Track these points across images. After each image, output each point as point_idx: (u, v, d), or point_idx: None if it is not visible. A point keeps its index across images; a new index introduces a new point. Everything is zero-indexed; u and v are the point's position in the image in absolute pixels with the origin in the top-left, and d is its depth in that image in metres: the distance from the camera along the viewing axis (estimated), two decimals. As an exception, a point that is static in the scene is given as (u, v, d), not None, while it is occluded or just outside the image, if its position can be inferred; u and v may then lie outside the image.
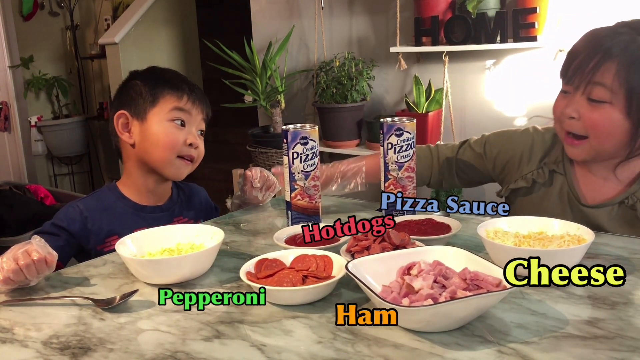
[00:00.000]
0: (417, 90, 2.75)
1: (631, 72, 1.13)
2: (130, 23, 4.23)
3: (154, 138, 1.34)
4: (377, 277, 0.89)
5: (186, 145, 1.36)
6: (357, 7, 3.02)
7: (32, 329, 0.87)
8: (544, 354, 0.74)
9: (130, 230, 1.28)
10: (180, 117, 1.36)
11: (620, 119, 1.16)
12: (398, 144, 1.23)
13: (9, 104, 4.71)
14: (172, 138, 1.34)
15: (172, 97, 1.35)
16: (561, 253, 0.96)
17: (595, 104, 1.17)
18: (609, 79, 1.14)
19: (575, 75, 1.18)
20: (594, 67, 1.15)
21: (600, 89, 1.15)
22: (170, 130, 1.34)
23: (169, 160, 1.35)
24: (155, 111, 1.34)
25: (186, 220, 1.45)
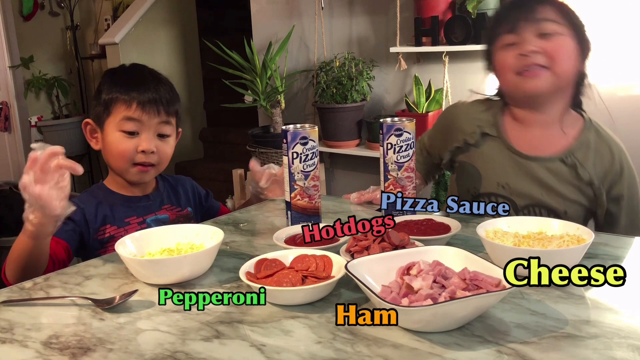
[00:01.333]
0: (417, 90, 2.75)
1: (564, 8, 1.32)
2: (130, 23, 4.24)
3: (108, 147, 1.37)
4: (377, 277, 0.89)
5: (139, 153, 1.36)
6: (357, 7, 3.02)
7: (32, 329, 0.87)
8: (544, 354, 0.74)
9: (122, 218, 1.38)
10: (129, 127, 1.35)
11: (572, 45, 1.32)
12: (398, 144, 1.24)
13: (9, 104, 4.71)
14: (121, 149, 1.35)
15: (122, 105, 1.35)
16: (561, 253, 0.96)
17: (548, 36, 1.30)
18: (552, 14, 1.30)
19: (520, 22, 1.31)
20: (534, 10, 1.30)
21: (548, 23, 1.30)
22: (120, 140, 1.35)
23: (125, 169, 1.38)
24: (110, 120, 1.37)
25: (174, 208, 1.48)
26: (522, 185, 1.36)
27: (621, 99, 2.32)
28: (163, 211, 1.45)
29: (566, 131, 1.36)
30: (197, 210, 1.55)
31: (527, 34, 1.30)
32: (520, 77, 1.32)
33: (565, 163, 1.34)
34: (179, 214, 1.47)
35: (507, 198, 1.38)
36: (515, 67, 1.32)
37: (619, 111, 2.33)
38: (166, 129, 1.40)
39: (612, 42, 2.30)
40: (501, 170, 1.39)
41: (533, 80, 1.31)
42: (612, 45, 2.30)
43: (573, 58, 1.32)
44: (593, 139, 1.36)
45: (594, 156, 1.34)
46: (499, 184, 1.39)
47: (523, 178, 1.36)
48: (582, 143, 1.35)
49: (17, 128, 4.73)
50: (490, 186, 1.40)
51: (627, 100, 2.31)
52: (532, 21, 1.30)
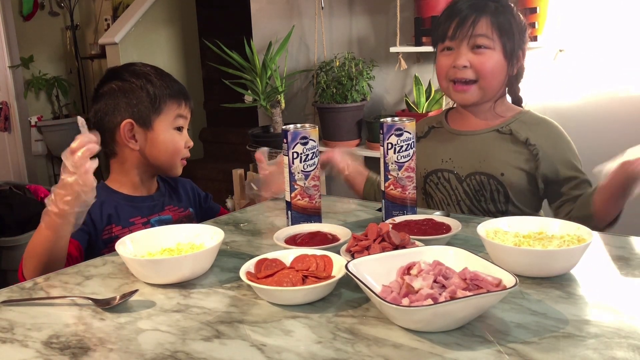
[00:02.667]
0: (417, 90, 2.75)
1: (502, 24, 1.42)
2: (130, 23, 4.24)
3: (162, 146, 1.40)
4: (377, 277, 0.89)
5: (186, 148, 1.44)
6: (357, 7, 3.02)
7: (32, 329, 0.87)
8: (544, 354, 0.74)
9: (125, 218, 1.38)
10: (181, 124, 1.44)
11: (500, 60, 1.44)
12: (398, 143, 1.24)
13: (9, 104, 4.71)
14: (178, 146, 1.42)
15: (174, 104, 1.42)
16: (561, 253, 0.96)
17: (480, 50, 1.42)
18: (487, 29, 1.42)
19: (458, 32, 1.43)
20: (473, 23, 1.41)
21: (482, 38, 1.42)
22: (175, 137, 1.42)
23: (175, 164, 1.44)
24: (161, 119, 1.40)
25: (177, 208, 1.48)
26: (463, 157, 1.49)
27: (621, 100, 2.33)
28: (166, 212, 1.45)
29: (501, 114, 1.51)
30: (197, 212, 1.55)
31: (462, 46, 1.43)
32: (452, 85, 1.47)
33: (500, 132, 1.48)
34: (182, 215, 1.48)
35: (451, 171, 1.50)
36: (448, 75, 1.47)
37: (619, 111, 2.34)
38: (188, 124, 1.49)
39: (612, 42, 2.30)
40: (444, 149, 1.53)
41: (461, 94, 1.46)
42: (612, 46, 2.30)
43: (500, 71, 1.45)
44: (527, 119, 1.49)
45: (529, 127, 1.47)
46: (443, 160, 1.52)
47: (463, 151, 1.50)
48: (517, 119, 1.49)
49: (17, 128, 4.73)
50: (436, 164, 1.53)
51: (628, 100, 2.31)
52: (469, 34, 1.41)
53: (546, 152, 1.43)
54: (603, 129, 2.33)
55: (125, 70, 1.43)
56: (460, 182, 1.49)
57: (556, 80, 2.40)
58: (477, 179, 1.46)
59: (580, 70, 2.38)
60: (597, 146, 2.28)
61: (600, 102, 2.37)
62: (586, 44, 2.35)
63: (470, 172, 1.47)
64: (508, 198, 1.44)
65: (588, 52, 2.35)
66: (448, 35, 1.44)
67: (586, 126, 2.35)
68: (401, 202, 1.27)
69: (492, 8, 1.43)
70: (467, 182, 1.48)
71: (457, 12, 1.44)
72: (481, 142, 1.48)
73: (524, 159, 1.44)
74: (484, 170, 1.45)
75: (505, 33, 1.42)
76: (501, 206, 1.45)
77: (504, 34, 1.42)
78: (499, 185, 1.44)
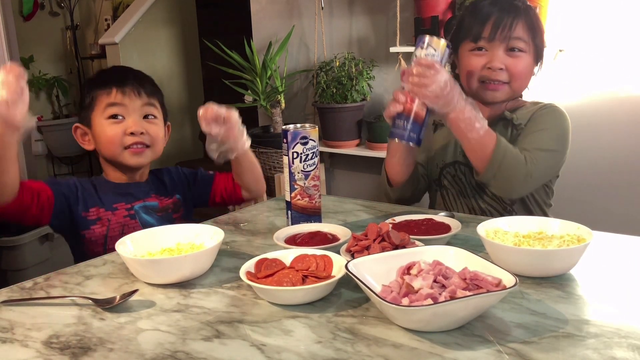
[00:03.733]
0: (417, 90, 2.75)
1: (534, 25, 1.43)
2: (130, 23, 4.23)
3: (99, 139, 1.43)
4: (377, 277, 0.89)
5: (127, 135, 1.41)
6: (357, 7, 3.02)
7: (32, 329, 0.87)
8: (544, 354, 0.74)
9: (109, 203, 1.42)
10: (113, 111, 1.41)
11: (531, 62, 1.45)
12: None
13: (9, 104, 4.71)
14: (110, 134, 1.41)
15: (102, 95, 1.42)
16: (561, 253, 0.96)
17: (515, 53, 1.42)
18: (524, 32, 1.42)
19: (497, 34, 1.41)
20: (511, 25, 1.40)
21: (520, 42, 1.42)
22: (108, 126, 1.41)
23: (118, 154, 1.42)
24: (95, 114, 1.43)
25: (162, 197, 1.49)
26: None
27: (621, 100, 2.33)
28: (152, 198, 1.48)
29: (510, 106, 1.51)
30: (186, 195, 1.55)
31: (498, 49, 1.42)
32: (483, 86, 1.46)
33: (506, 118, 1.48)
34: (167, 202, 1.50)
35: (466, 165, 1.49)
36: (480, 77, 1.45)
37: (619, 111, 2.34)
38: (151, 110, 1.46)
39: (612, 42, 2.30)
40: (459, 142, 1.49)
41: (493, 92, 1.45)
42: (612, 46, 2.30)
43: (530, 73, 1.47)
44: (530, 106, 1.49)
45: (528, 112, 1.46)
46: (460, 152, 1.51)
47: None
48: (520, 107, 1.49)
49: (17, 128, 4.73)
50: (452, 156, 1.53)
51: (628, 100, 2.31)
52: (506, 37, 1.41)
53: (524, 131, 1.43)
54: (603, 129, 2.33)
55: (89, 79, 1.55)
56: (473, 175, 1.46)
57: (556, 80, 2.40)
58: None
59: (580, 70, 2.38)
60: (597, 146, 2.28)
61: (600, 102, 2.37)
62: (586, 44, 2.35)
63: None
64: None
65: (588, 52, 2.35)
66: (484, 37, 1.42)
67: (586, 126, 2.35)
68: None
69: (522, 9, 1.42)
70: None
71: (490, 13, 1.42)
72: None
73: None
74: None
75: (537, 34, 1.43)
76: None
77: (536, 35, 1.43)
78: None
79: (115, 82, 1.42)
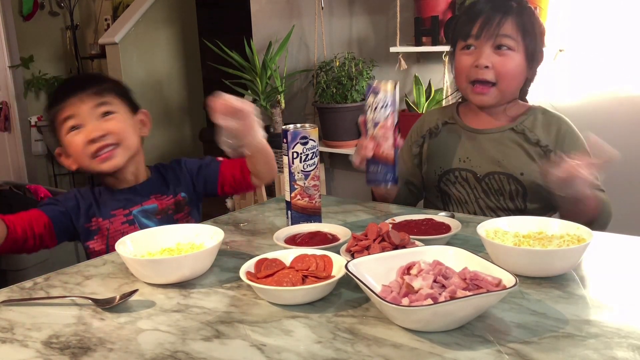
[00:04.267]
0: (417, 90, 2.75)
1: (526, 25, 1.42)
2: (130, 23, 4.23)
3: (70, 154, 1.40)
4: (377, 277, 0.89)
5: (89, 144, 1.35)
6: (357, 7, 3.02)
7: (32, 329, 0.87)
8: (544, 354, 0.74)
9: (107, 211, 1.40)
10: (70, 125, 1.36)
11: (522, 62, 1.43)
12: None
13: (9, 104, 4.71)
14: (74, 148, 1.37)
15: (56, 112, 1.37)
16: (561, 253, 0.96)
17: (503, 51, 1.41)
18: (512, 30, 1.40)
19: (483, 31, 1.41)
20: (499, 23, 1.40)
21: (507, 39, 1.40)
22: (70, 141, 1.37)
23: (89, 165, 1.38)
24: (60, 134, 1.39)
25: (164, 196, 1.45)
26: (481, 156, 1.48)
27: (621, 100, 2.33)
28: (151, 201, 1.43)
29: (513, 113, 1.51)
30: (191, 190, 1.49)
31: (485, 46, 1.42)
32: (471, 88, 1.45)
33: (515, 131, 1.47)
34: (169, 202, 1.45)
35: (469, 170, 1.49)
36: (468, 75, 1.45)
37: (619, 111, 2.34)
38: (106, 107, 1.38)
39: (612, 42, 2.30)
40: (461, 147, 1.52)
41: (479, 96, 1.45)
42: (612, 46, 2.30)
43: (520, 73, 1.44)
44: (540, 116, 1.49)
45: (541, 126, 1.47)
46: (461, 159, 1.51)
47: (480, 150, 1.49)
48: (529, 116, 1.49)
49: (17, 128, 4.73)
50: (453, 162, 1.52)
51: (628, 100, 2.31)
52: (494, 34, 1.40)
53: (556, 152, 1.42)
54: (603, 129, 2.32)
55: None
56: (479, 181, 1.48)
57: (556, 80, 2.40)
58: (497, 179, 1.46)
59: (580, 70, 2.38)
60: (597, 146, 2.26)
61: (600, 102, 2.37)
62: (586, 44, 2.35)
63: (489, 171, 1.47)
64: (527, 197, 1.45)
65: (588, 52, 2.35)
66: (472, 34, 1.42)
67: (586, 126, 2.34)
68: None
69: (515, 8, 1.42)
70: (485, 182, 1.47)
71: (480, 11, 1.43)
72: (498, 141, 1.48)
73: (539, 158, 1.44)
74: (503, 170, 1.45)
75: (528, 34, 1.42)
76: (520, 204, 1.46)
77: (527, 35, 1.41)
78: (518, 185, 1.44)
79: (61, 96, 1.38)
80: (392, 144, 1.28)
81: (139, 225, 1.40)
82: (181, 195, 1.47)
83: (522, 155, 1.45)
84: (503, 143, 1.47)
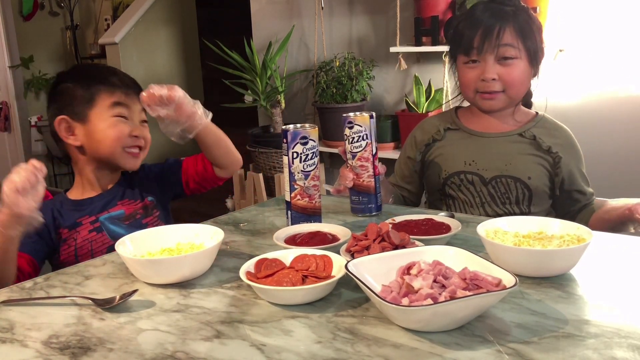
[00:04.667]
0: (417, 90, 2.75)
1: (524, 28, 1.41)
2: (130, 23, 4.24)
3: (100, 135, 1.37)
4: (377, 277, 0.89)
5: (131, 137, 1.39)
6: (357, 7, 3.02)
7: (32, 329, 0.87)
8: (544, 354, 0.74)
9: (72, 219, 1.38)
10: (120, 112, 1.39)
11: (526, 67, 1.44)
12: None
13: (9, 104, 4.72)
14: (117, 131, 1.37)
15: (106, 93, 1.38)
16: (561, 253, 0.96)
17: (507, 61, 1.42)
18: (513, 38, 1.40)
19: (485, 44, 1.41)
20: (499, 34, 1.39)
21: (509, 49, 1.41)
22: (115, 124, 1.38)
23: (117, 153, 1.39)
24: (95, 111, 1.38)
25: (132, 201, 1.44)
26: (487, 159, 1.48)
27: (621, 100, 2.33)
28: (118, 207, 1.42)
29: (519, 119, 1.51)
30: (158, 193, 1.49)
31: (488, 59, 1.42)
32: (479, 95, 1.47)
33: (524, 136, 1.48)
34: (137, 207, 1.44)
35: (475, 173, 1.48)
36: (475, 87, 1.46)
37: (619, 111, 2.34)
38: (144, 116, 1.43)
39: (612, 42, 2.30)
40: (466, 151, 1.51)
41: (489, 102, 1.46)
42: (612, 46, 2.30)
43: (526, 79, 1.46)
44: (547, 125, 1.51)
45: (549, 134, 1.48)
46: (466, 162, 1.50)
47: (487, 153, 1.49)
48: (536, 124, 1.50)
49: (17, 128, 4.73)
50: (458, 166, 1.51)
51: (628, 100, 2.31)
52: (495, 46, 1.40)
53: (566, 161, 1.45)
54: (603, 129, 2.33)
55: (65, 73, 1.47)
56: (485, 184, 1.47)
57: (556, 80, 2.40)
58: (503, 182, 1.45)
59: (580, 70, 2.38)
60: (597, 146, 2.28)
61: (600, 102, 2.37)
62: (586, 44, 2.35)
63: (495, 174, 1.46)
64: (531, 201, 1.45)
65: (588, 52, 2.35)
66: (474, 48, 1.42)
67: (586, 126, 2.35)
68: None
69: (512, 13, 1.41)
70: (492, 185, 1.47)
71: (479, 21, 1.42)
72: (505, 145, 1.48)
73: (547, 164, 1.45)
74: (510, 173, 1.45)
75: (528, 37, 1.41)
76: (525, 209, 1.46)
77: (527, 37, 1.41)
78: (525, 188, 1.44)
79: (118, 83, 1.39)
80: (372, 173, 1.30)
81: (107, 232, 1.38)
82: (148, 199, 1.47)
83: (529, 160, 1.45)
84: (510, 147, 1.47)
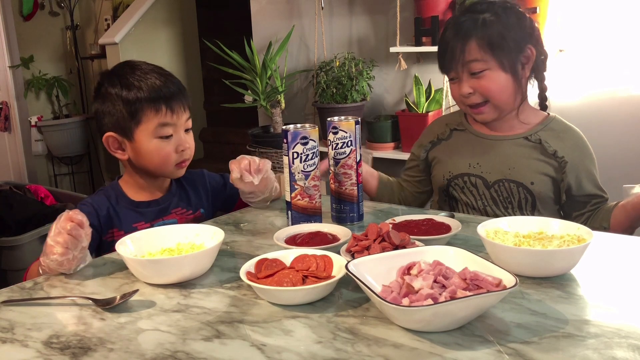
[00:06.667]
0: (417, 90, 2.75)
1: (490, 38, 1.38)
2: (130, 23, 4.23)
3: (147, 156, 1.35)
4: (377, 277, 0.89)
5: (178, 153, 1.37)
6: (357, 7, 3.02)
7: (32, 329, 0.87)
8: (544, 354, 0.74)
9: (128, 223, 1.36)
10: (166, 132, 1.35)
11: (502, 76, 1.40)
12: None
13: (9, 104, 4.71)
14: (164, 154, 1.35)
15: (152, 112, 1.33)
16: (561, 253, 0.96)
17: (479, 74, 1.40)
18: (477, 52, 1.39)
19: (453, 63, 1.43)
20: (461, 51, 1.40)
21: (475, 63, 1.40)
22: (161, 147, 1.35)
23: (168, 172, 1.39)
24: (141, 129, 1.34)
25: (184, 211, 1.45)
26: (491, 162, 1.47)
27: (621, 100, 2.33)
28: (172, 215, 1.42)
29: (527, 121, 1.49)
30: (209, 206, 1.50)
31: (462, 75, 1.43)
32: (468, 108, 1.47)
33: (530, 140, 1.46)
34: (188, 218, 1.44)
35: (479, 176, 1.48)
36: (461, 101, 1.47)
37: (619, 111, 2.34)
38: (190, 123, 1.42)
39: (612, 42, 2.30)
40: (471, 153, 1.50)
41: (479, 115, 1.46)
42: (612, 46, 2.30)
43: (506, 85, 1.41)
44: (556, 127, 1.47)
45: (557, 136, 1.45)
46: (470, 164, 1.49)
47: (491, 156, 1.48)
48: (545, 127, 1.47)
49: (17, 128, 4.73)
50: (462, 167, 1.51)
51: (628, 100, 2.31)
52: (462, 63, 1.41)
53: (573, 165, 1.42)
54: (603, 129, 2.33)
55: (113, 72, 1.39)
56: (487, 187, 1.47)
57: (556, 80, 2.40)
58: (506, 186, 1.45)
59: (580, 70, 2.38)
60: (597, 146, 2.28)
61: (600, 102, 2.37)
62: (586, 44, 2.35)
63: (498, 178, 1.45)
64: (535, 206, 1.44)
65: (588, 52, 2.35)
66: (444, 68, 1.46)
67: (586, 126, 2.34)
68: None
69: (480, 24, 1.38)
70: (494, 188, 1.46)
71: (446, 42, 1.43)
72: (510, 148, 1.46)
73: (552, 169, 1.43)
74: (513, 177, 1.44)
75: (498, 47, 1.38)
76: (527, 213, 1.45)
77: (496, 48, 1.38)
78: (527, 193, 1.43)
79: (164, 100, 1.34)
80: (355, 181, 1.29)
81: None
82: (200, 211, 1.47)
83: (533, 165, 1.43)
84: (515, 151, 1.45)
